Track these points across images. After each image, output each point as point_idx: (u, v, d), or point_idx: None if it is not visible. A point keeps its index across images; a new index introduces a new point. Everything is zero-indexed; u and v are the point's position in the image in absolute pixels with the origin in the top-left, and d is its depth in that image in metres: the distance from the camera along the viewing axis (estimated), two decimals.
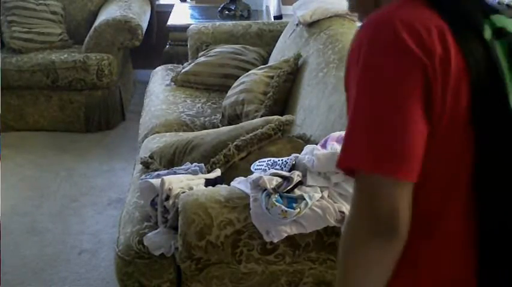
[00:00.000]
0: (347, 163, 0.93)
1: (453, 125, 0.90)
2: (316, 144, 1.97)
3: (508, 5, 4.28)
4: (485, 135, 0.91)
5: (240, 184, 1.93)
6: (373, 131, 0.89)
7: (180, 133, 2.70)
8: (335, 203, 1.75)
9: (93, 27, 3.85)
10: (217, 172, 2.10)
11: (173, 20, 4.15)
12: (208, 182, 2.02)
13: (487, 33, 0.94)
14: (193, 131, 2.74)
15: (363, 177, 0.91)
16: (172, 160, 2.32)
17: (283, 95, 2.70)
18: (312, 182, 1.79)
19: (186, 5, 4.70)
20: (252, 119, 2.50)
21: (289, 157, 1.94)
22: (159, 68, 3.62)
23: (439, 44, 0.89)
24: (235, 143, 2.17)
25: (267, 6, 4.51)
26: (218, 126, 2.70)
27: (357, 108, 0.91)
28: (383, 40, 0.90)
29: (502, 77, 0.91)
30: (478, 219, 0.93)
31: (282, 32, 3.28)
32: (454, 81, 0.89)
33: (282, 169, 1.87)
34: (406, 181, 0.89)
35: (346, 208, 1.74)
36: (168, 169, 2.23)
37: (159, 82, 3.37)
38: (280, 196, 1.76)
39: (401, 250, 0.93)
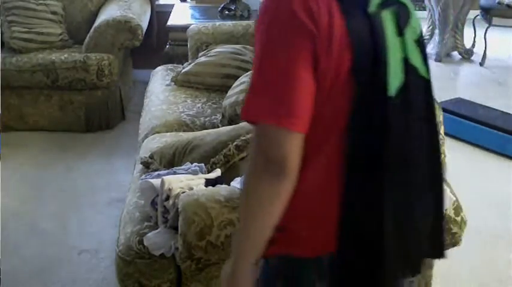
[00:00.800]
0: (248, 116, 1.11)
1: (336, 81, 1.08)
2: None
3: (508, 5, 4.33)
4: (360, 88, 1.09)
5: (240, 184, 1.93)
6: (270, 89, 1.07)
7: (180, 133, 2.70)
8: None
9: (93, 28, 3.84)
10: (217, 172, 2.10)
11: (173, 20, 4.15)
12: (208, 182, 2.02)
13: (374, 4, 1.11)
14: (194, 131, 2.74)
15: (261, 126, 1.09)
16: (172, 160, 2.32)
17: None
18: None
19: (186, 5, 4.70)
20: None
21: None
22: (159, 68, 3.62)
23: (326, 16, 1.06)
24: (235, 143, 2.17)
25: None
26: (218, 126, 2.70)
27: (257, 71, 1.09)
28: (280, 12, 1.07)
29: (382, 44, 1.10)
30: (347, 153, 1.11)
31: None
32: (338, 47, 1.06)
33: None
34: (295, 131, 1.07)
35: None
36: (168, 169, 2.23)
37: (159, 82, 3.37)
38: None
39: (292, 188, 1.10)
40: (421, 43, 1.18)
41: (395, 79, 1.12)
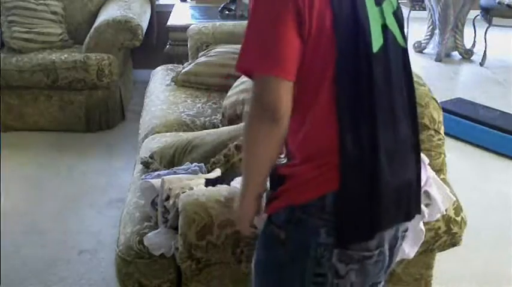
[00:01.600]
0: (244, 67, 1.30)
1: (320, 39, 1.25)
2: None
3: (508, 5, 4.33)
4: (342, 43, 1.25)
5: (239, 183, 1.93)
6: (261, 45, 1.26)
7: (180, 133, 2.70)
8: None
9: (93, 28, 3.85)
10: (217, 172, 2.10)
11: (173, 20, 4.15)
12: (208, 182, 2.02)
13: None
14: (194, 131, 2.74)
15: (256, 76, 1.27)
16: (172, 160, 2.32)
17: None
18: None
19: (186, 5, 4.71)
20: None
21: None
22: (159, 68, 3.62)
23: None
24: (235, 143, 2.17)
25: None
26: (218, 126, 2.70)
27: (250, 29, 1.28)
28: None
29: (362, 12, 1.27)
30: (336, 100, 1.27)
31: None
32: (319, 10, 1.24)
33: None
34: (285, 79, 1.24)
35: None
36: (168, 169, 2.23)
37: (159, 82, 3.37)
38: None
39: (284, 132, 1.29)
40: (397, 15, 1.36)
41: (377, 41, 1.29)
